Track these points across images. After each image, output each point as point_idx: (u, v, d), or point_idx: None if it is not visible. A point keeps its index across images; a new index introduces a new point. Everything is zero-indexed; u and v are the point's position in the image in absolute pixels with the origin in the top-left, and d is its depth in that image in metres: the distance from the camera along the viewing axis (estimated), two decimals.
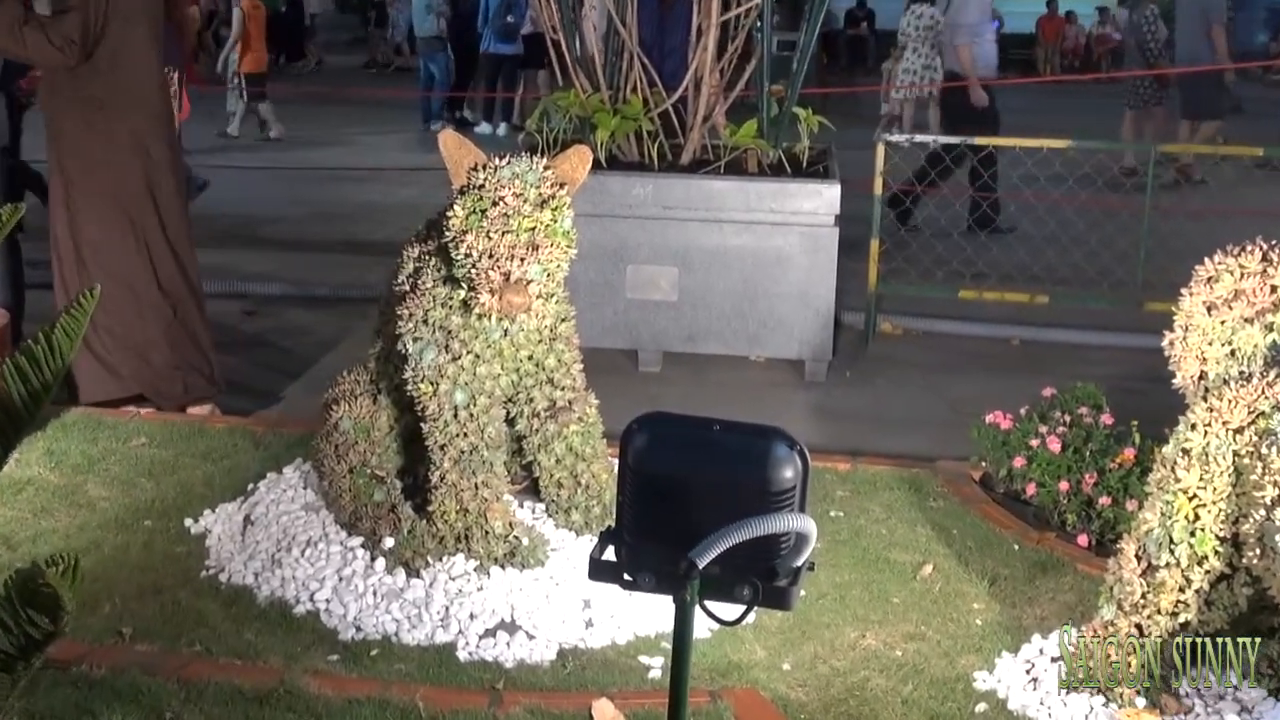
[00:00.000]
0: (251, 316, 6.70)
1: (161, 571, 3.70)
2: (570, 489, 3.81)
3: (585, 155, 3.56)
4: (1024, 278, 6.63)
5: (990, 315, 6.63)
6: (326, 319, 6.64)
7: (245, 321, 6.64)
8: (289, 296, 7.02)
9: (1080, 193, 7.38)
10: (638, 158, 6.05)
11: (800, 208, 5.70)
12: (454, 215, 3.39)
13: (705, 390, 5.71)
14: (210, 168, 9.92)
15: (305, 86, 16.47)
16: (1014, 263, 6.79)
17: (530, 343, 3.66)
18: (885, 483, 4.42)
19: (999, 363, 6.17)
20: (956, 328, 6.60)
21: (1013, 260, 6.79)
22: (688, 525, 1.86)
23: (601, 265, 5.83)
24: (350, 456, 3.79)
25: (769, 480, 1.88)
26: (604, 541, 1.99)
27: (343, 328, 6.43)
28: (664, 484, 1.90)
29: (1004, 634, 3.47)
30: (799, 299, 5.76)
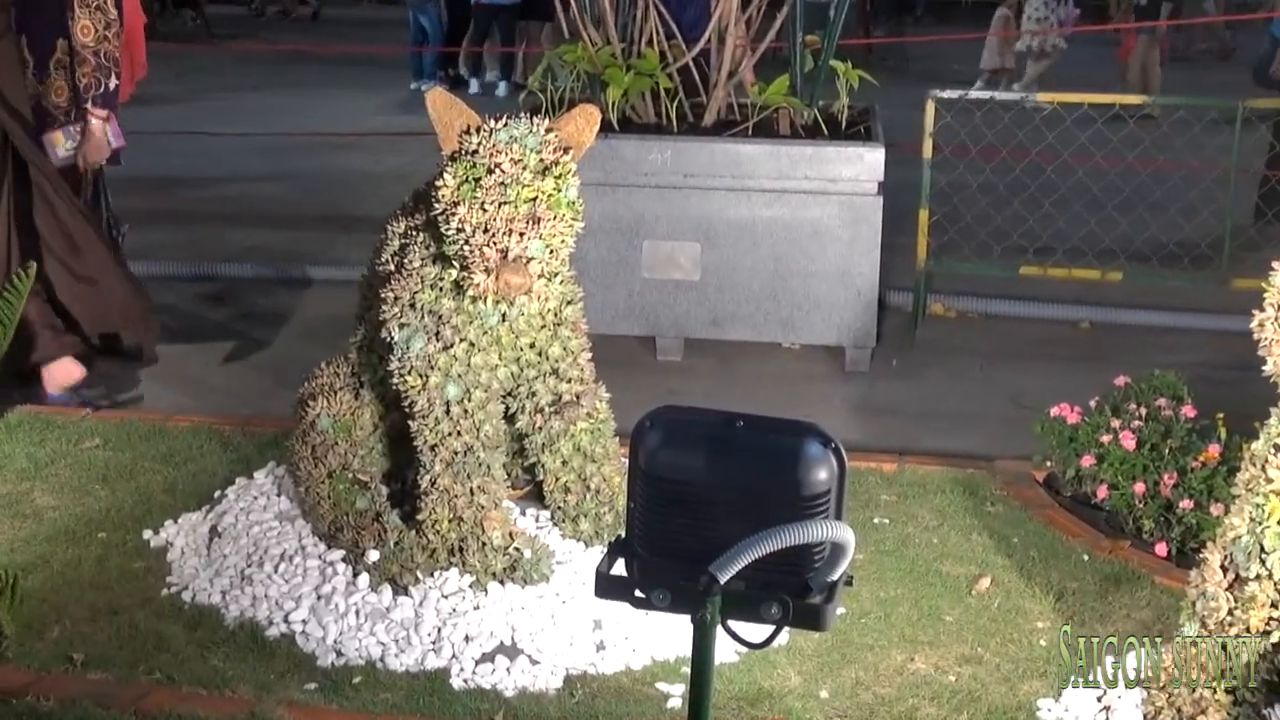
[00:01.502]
0: (214, 302, 6.70)
1: (117, 590, 3.71)
2: (578, 494, 3.80)
3: (592, 116, 3.55)
4: (1094, 252, 6.58)
5: (1056, 295, 6.60)
6: (302, 303, 6.65)
7: (211, 307, 6.64)
8: (260, 279, 7.02)
9: (1158, 155, 7.32)
10: (654, 119, 6.03)
11: (839, 174, 5.67)
12: (444, 185, 3.38)
13: (731, 382, 5.70)
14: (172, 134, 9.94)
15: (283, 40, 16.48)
16: (1083, 235, 6.74)
17: (532, 329, 3.65)
18: (936, 485, 4.41)
19: (1066, 349, 6.14)
20: (1017, 309, 6.56)
21: (1081, 232, 6.75)
22: (708, 535, 1.86)
23: (613, 241, 5.81)
24: (329, 459, 3.79)
25: (800, 483, 1.87)
26: (613, 554, 1.98)
27: (320, 313, 6.43)
28: (680, 488, 1.89)
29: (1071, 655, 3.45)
30: (838, 278, 5.74)
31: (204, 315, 6.54)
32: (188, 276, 6.97)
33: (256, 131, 10.86)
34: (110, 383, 5.52)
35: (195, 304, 6.66)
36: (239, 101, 12.72)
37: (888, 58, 14.61)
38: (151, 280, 6.76)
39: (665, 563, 1.91)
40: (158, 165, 9.75)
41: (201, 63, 14.85)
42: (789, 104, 5.88)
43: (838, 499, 1.91)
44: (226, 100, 12.76)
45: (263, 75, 14.19)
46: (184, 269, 7.03)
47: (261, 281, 7.00)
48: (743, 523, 1.83)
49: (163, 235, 7.68)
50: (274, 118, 11.79)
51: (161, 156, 9.99)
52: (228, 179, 9.57)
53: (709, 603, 1.83)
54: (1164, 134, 7.31)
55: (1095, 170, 7.10)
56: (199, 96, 12.72)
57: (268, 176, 9.61)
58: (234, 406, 5.21)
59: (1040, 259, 6.61)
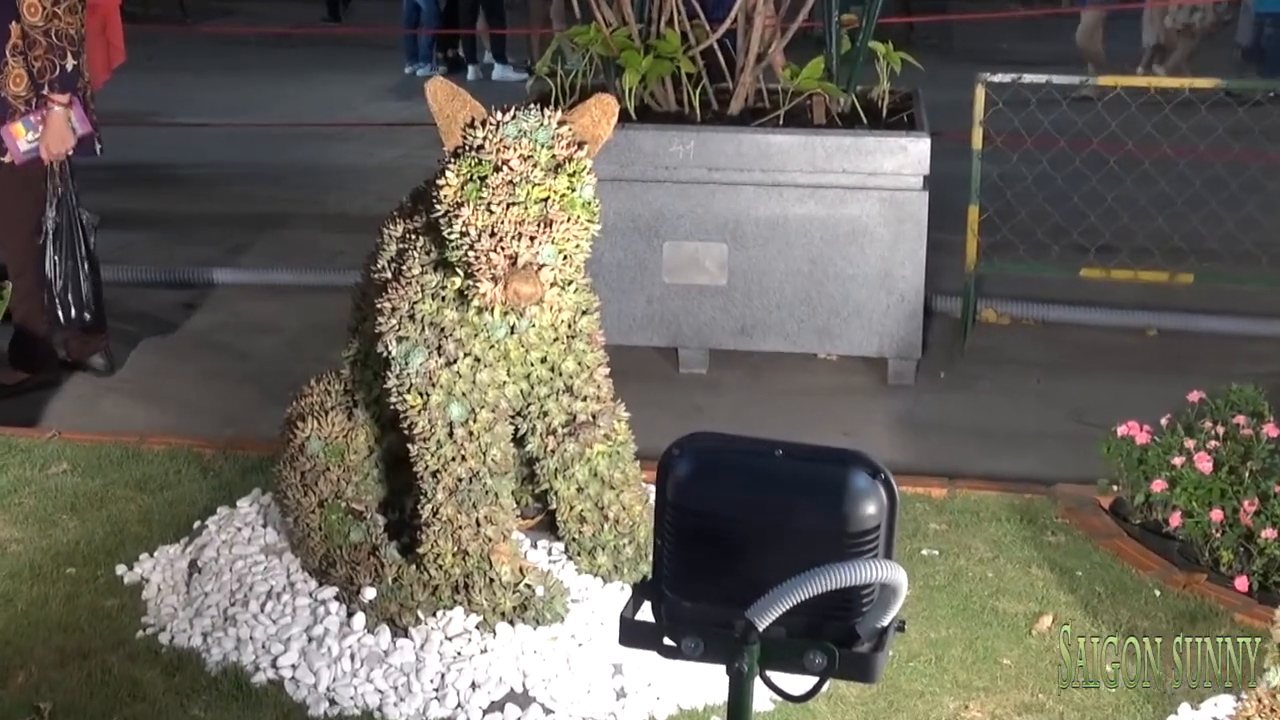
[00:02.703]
0: (193, 310, 6.72)
1: (88, 631, 3.71)
2: (595, 525, 3.80)
3: (610, 106, 3.55)
4: (1162, 252, 6.56)
5: (1120, 299, 6.59)
6: (289, 311, 6.66)
7: (186, 316, 6.66)
8: (241, 284, 7.04)
9: (1233, 145, 7.30)
10: (675, 107, 6.03)
11: (880, 167, 5.67)
12: (446, 184, 3.38)
13: (762, 397, 5.69)
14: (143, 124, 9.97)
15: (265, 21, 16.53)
16: (1149, 233, 6.73)
17: (543, 342, 3.65)
18: (991, 512, 4.40)
19: (1132, 359, 6.13)
20: (1077, 315, 6.55)
21: (1148, 230, 6.74)
22: (744, 576, 1.85)
23: (630, 242, 5.82)
24: (320, 486, 3.79)
25: (847, 518, 1.86)
26: (638, 597, 1.98)
27: (309, 322, 6.44)
28: (714, 524, 1.89)
29: (1144, 704, 3.45)
30: (879, 281, 5.74)
31: (181, 324, 6.55)
32: (162, 281, 6.99)
33: (236, 121, 10.90)
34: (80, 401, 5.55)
35: (171, 312, 6.68)
36: (217, 88, 12.76)
37: (930, 36, 14.60)
38: (124, 286, 6.80)
39: (697, 607, 1.90)
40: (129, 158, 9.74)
41: (176, 45, 14.91)
42: (824, 89, 5.87)
43: (888, 535, 1.90)
44: (203, 87, 12.81)
45: (243, 59, 14.23)
46: (158, 273, 7.05)
47: (243, 287, 7.01)
48: (783, 563, 1.83)
49: (135, 236, 7.72)
50: (255, 106, 11.84)
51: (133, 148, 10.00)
52: (206, 173, 9.60)
53: (746, 652, 1.82)
54: (1240, 121, 7.29)
55: (1163, 161, 7.08)
56: (172, 83, 12.77)
57: (249, 171, 9.65)
58: (215, 427, 5.23)
59: (1103, 259, 6.59)
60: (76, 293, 5.49)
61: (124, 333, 6.36)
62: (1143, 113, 6.77)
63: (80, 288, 5.50)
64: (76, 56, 5.24)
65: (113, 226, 7.34)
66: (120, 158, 9.73)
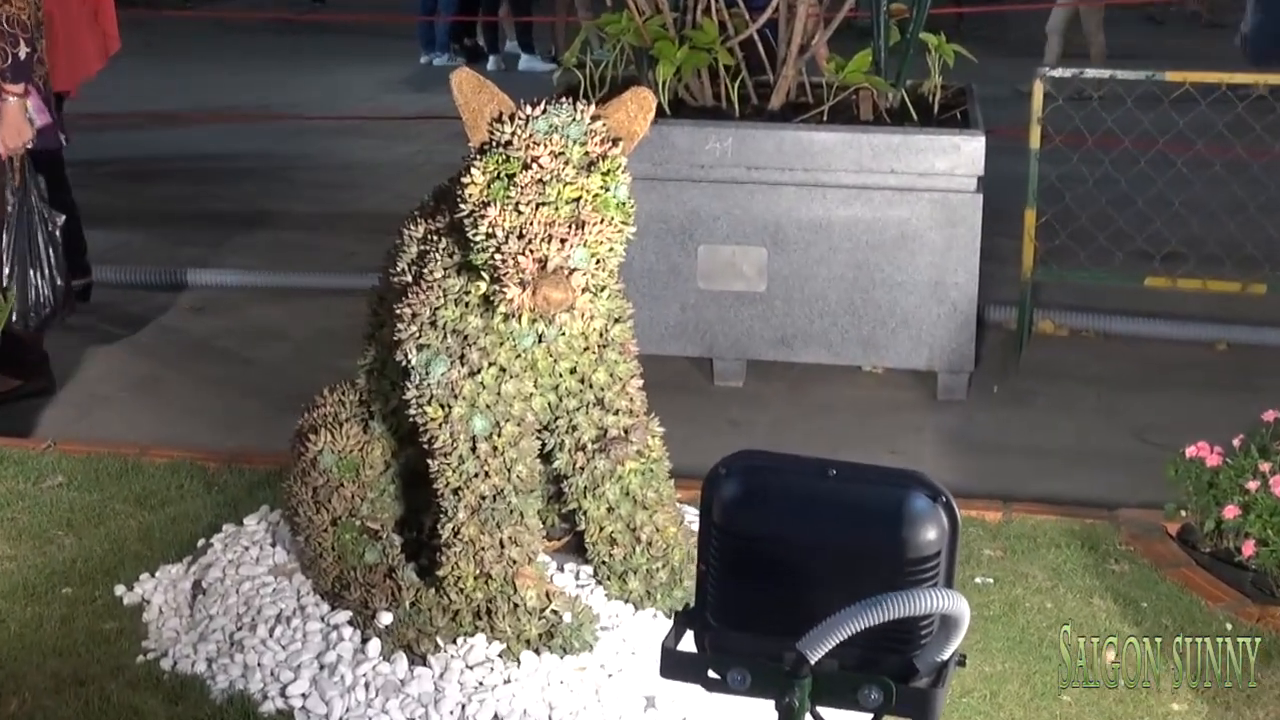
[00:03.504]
0: (195, 314, 6.74)
1: (85, 655, 3.72)
2: (626, 547, 3.80)
3: (646, 101, 3.55)
4: (1234, 260, 6.54)
5: (1188, 311, 6.57)
6: (299, 316, 6.68)
7: (190, 320, 6.69)
8: (246, 287, 7.06)
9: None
10: (712, 101, 6.04)
11: (931, 167, 5.66)
12: (472, 182, 3.39)
13: (802, 413, 5.69)
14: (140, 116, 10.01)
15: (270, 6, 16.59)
16: (1220, 240, 6.71)
17: (573, 352, 3.66)
18: (1049, 538, 4.38)
19: (1200, 375, 6.11)
20: (1142, 327, 6.53)
21: (1218, 237, 6.72)
22: (795, 605, 1.87)
23: (663, 245, 5.82)
24: (334, 503, 3.80)
25: (905, 544, 1.87)
26: (680, 626, 1.99)
27: (321, 328, 6.46)
28: (763, 549, 1.90)
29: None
30: (929, 289, 5.73)
31: (183, 329, 6.58)
32: (162, 284, 7.02)
33: (239, 113, 10.95)
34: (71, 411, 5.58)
35: (172, 316, 6.71)
36: (218, 78, 12.81)
37: (982, 28, 14.57)
38: (120, 288, 6.83)
39: (743, 637, 1.92)
40: (125, 152, 9.84)
41: (175, 31, 14.97)
42: (871, 84, 5.87)
43: (948, 562, 1.92)
44: (204, 76, 12.85)
45: (247, 47, 14.28)
46: (157, 275, 7.08)
47: (248, 290, 7.04)
48: (836, 591, 1.84)
49: (132, 235, 7.76)
50: (260, 97, 11.89)
51: (130, 142, 10.09)
52: (208, 168, 9.63)
53: (796, 686, 1.83)
54: None
55: (1235, 163, 7.05)
56: (171, 71, 12.82)
57: (254, 166, 9.67)
58: (220, 439, 5.24)
59: (1169, 268, 6.57)
60: (23, 298, 5.41)
61: (121, 338, 6.40)
62: (1214, 110, 6.75)
63: (29, 294, 5.43)
64: (31, 44, 5.22)
65: (106, 225, 7.41)
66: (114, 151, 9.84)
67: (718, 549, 1.93)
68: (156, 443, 5.09)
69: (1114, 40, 11.95)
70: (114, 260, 7.10)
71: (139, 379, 5.98)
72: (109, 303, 6.66)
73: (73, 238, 6.30)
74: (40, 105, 5.33)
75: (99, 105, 8.59)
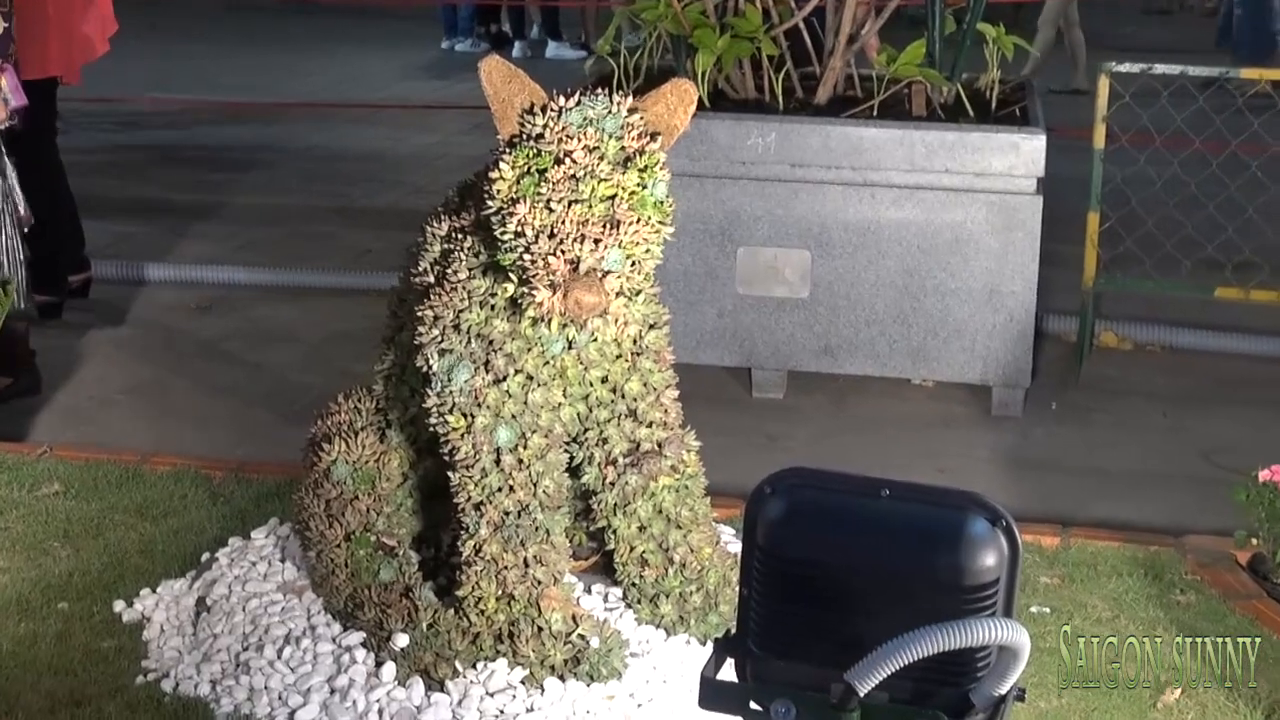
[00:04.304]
0: (200, 314, 6.77)
1: (81, 675, 3.73)
2: (659, 569, 3.80)
3: (687, 93, 3.56)
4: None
5: (1261, 324, 6.56)
6: (309, 318, 6.70)
7: (196, 319, 6.71)
8: (255, 285, 7.09)
9: None
10: (755, 94, 6.04)
11: (988, 166, 5.66)
12: (500, 177, 3.40)
13: (846, 428, 5.69)
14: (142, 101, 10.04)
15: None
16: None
17: (605, 359, 3.67)
18: (1110, 565, 4.38)
19: (1274, 393, 6.09)
20: (1211, 341, 6.53)
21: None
22: (843, 633, 1.86)
23: (700, 247, 5.83)
24: (347, 517, 3.81)
25: (962, 570, 1.87)
26: (720, 654, 1.98)
27: (334, 330, 6.48)
28: (810, 573, 1.89)
29: None
30: (985, 298, 5.73)
31: (187, 330, 6.60)
32: (165, 281, 7.05)
33: (248, 100, 10.99)
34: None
35: (176, 316, 6.74)
36: (227, 62, 12.86)
37: None
38: (120, 285, 6.87)
39: (788, 667, 1.91)
40: (126, 139, 9.89)
41: (181, 11, 15.04)
42: (925, 77, 5.87)
43: (1008, 590, 1.91)
44: (210, 61, 12.91)
45: (257, 29, 14.33)
46: (161, 272, 7.11)
47: (257, 289, 7.06)
48: (888, 619, 1.83)
49: (132, 228, 7.80)
50: (270, 83, 11.94)
51: (130, 129, 10.14)
52: (213, 158, 9.67)
53: (844, 719, 1.83)
54: None
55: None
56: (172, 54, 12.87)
57: (263, 156, 9.72)
58: (226, 447, 5.26)
59: (1241, 278, 6.55)
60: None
61: (121, 338, 6.43)
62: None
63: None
64: (6, 19, 5.25)
65: (106, 217, 7.45)
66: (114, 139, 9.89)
67: (761, 572, 1.92)
68: (159, 450, 5.11)
69: (1119, 32, 11.97)
70: (114, 255, 7.14)
71: (140, 382, 6.01)
72: (109, 300, 6.70)
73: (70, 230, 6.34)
74: (16, 85, 5.36)
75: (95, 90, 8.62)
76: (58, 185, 6.26)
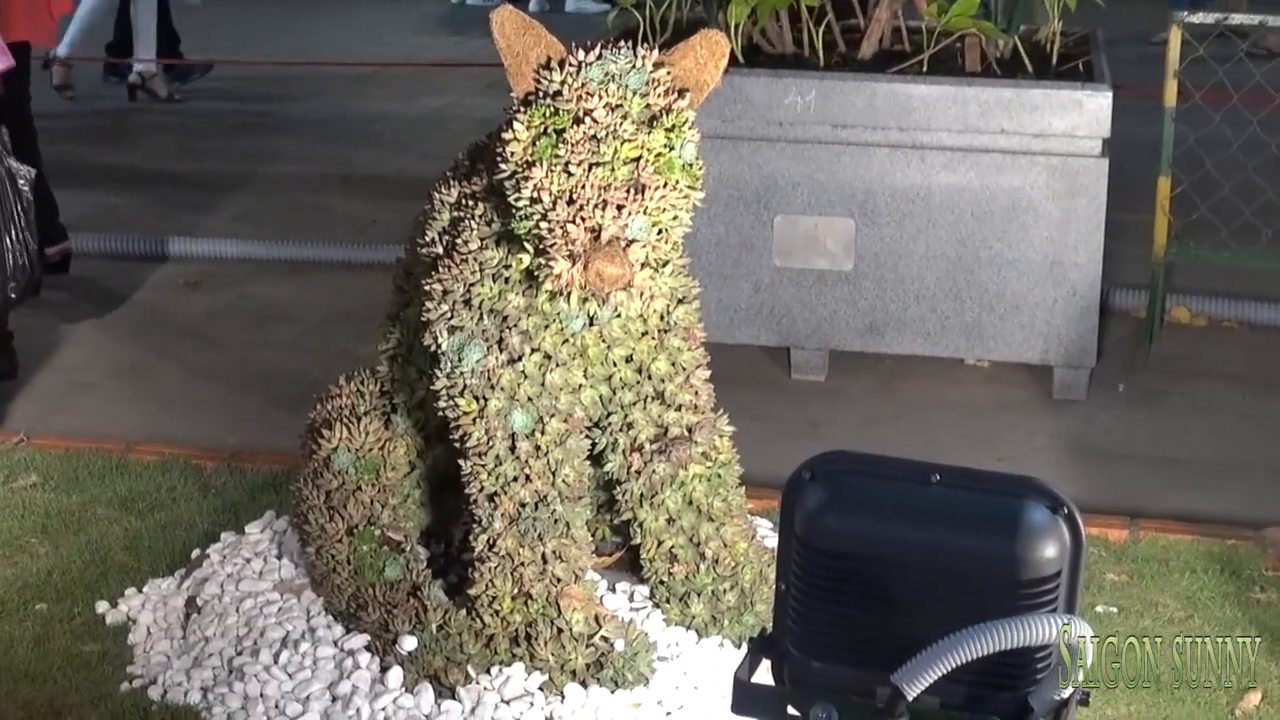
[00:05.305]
0: (190, 291, 6.78)
1: (62, 683, 3.75)
2: (689, 565, 3.81)
3: (718, 46, 3.55)
4: None
5: None
6: (307, 295, 6.71)
7: (185, 297, 6.72)
8: (249, 259, 7.10)
9: None
10: (793, 48, 6.03)
11: (1049, 127, 5.64)
12: (515, 138, 3.40)
13: (894, 413, 5.68)
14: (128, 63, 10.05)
15: None
16: None
17: (630, 337, 3.67)
18: (1184, 561, 4.37)
19: None
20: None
21: None
22: (890, 632, 1.87)
23: (734, 215, 5.82)
24: (350, 509, 3.82)
25: (1020, 563, 1.87)
26: (755, 655, 1.99)
27: (333, 307, 6.49)
28: (853, 567, 1.90)
29: None
30: (1045, 270, 5.71)
31: (175, 308, 6.61)
32: (152, 255, 7.06)
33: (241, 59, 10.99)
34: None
35: (164, 292, 6.75)
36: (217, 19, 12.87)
37: None
38: (103, 259, 6.88)
39: (829, 669, 1.92)
40: (111, 104, 9.91)
41: None
42: (979, 29, 5.85)
43: (1070, 584, 1.91)
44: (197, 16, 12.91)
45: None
46: (147, 244, 7.12)
47: (251, 263, 7.07)
48: (938, 616, 1.84)
49: (116, 198, 7.81)
50: (265, 41, 11.93)
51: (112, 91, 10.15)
52: (202, 123, 9.68)
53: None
54: None
55: None
56: None
57: (257, 120, 9.73)
58: (218, 434, 5.27)
59: None
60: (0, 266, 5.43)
61: (104, 317, 6.44)
62: None
63: (5, 260, 5.45)
64: None
65: (82, 186, 7.47)
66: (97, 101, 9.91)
67: (800, 566, 1.93)
68: (144, 438, 5.12)
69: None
70: (95, 227, 7.15)
71: (125, 364, 6.02)
72: (90, 276, 6.71)
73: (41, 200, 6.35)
74: (2, 46, 5.37)
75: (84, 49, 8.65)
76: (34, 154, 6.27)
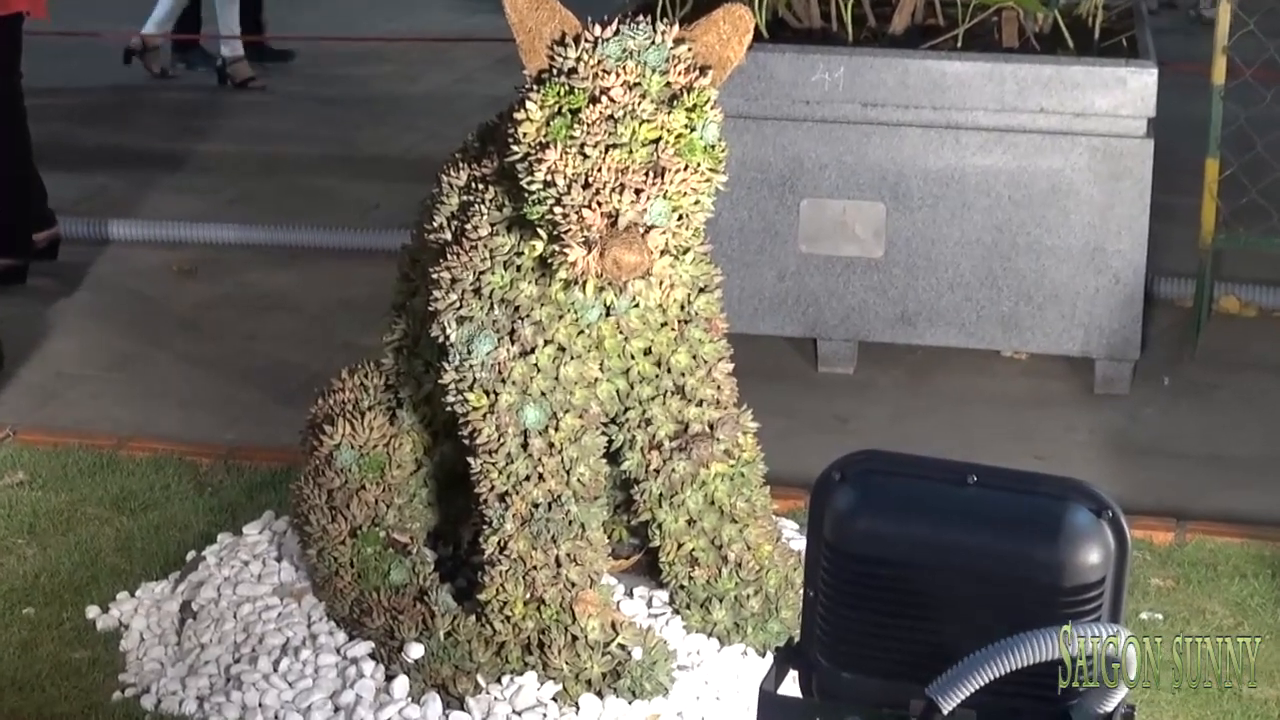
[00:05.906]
0: (185, 279, 6.78)
1: (50, 691, 3.75)
2: (710, 569, 3.81)
3: (742, 21, 3.55)
4: None
5: None
6: (308, 283, 6.71)
7: (180, 285, 6.73)
8: (247, 245, 7.10)
9: None
10: (820, 23, 6.03)
11: (1091, 105, 5.63)
12: (528, 118, 3.40)
13: (927, 407, 5.68)
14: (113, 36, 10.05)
15: None
16: None
17: (649, 328, 3.67)
18: (1233, 565, 4.37)
19: None
20: None
21: None
22: (924, 642, 1.88)
23: (758, 199, 5.82)
24: (353, 510, 3.82)
25: (1062, 568, 1.87)
26: (782, 665, 1.99)
27: (334, 296, 6.49)
28: (885, 573, 1.90)
29: None
30: (1086, 257, 5.70)
31: (169, 296, 6.62)
32: (145, 240, 7.06)
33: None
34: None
35: (157, 280, 6.75)
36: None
37: None
38: (93, 245, 6.88)
39: (860, 680, 1.92)
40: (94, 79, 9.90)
41: None
42: (1017, 3, 5.85)
43: (1114, 591, 1.91)
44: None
45: None
46: (138, 229, 7.12)
47: (250, 249, 7.06)
48: (975, 625, 1.84)
49: (107, 180, 7.81)
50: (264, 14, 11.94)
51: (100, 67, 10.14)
52: (196, 101, 9.68)
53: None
54: None
55: None
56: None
57: (254, 98, 9.72)
58: (214, 430, 5.28)
59: None
60: None
61: (94, 306, 6.44)
62: None
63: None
64: None
65: (75, 168, 7.47)
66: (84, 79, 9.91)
67: (829, 572, 1.93)
68: (137, 433, 5.13)
69: None
70: (85, 212, 7.16)
71: (116, 356, 6.02)
72: (75, 261, 6.71)
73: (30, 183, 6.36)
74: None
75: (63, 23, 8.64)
76: (23, 133, 6.28)
